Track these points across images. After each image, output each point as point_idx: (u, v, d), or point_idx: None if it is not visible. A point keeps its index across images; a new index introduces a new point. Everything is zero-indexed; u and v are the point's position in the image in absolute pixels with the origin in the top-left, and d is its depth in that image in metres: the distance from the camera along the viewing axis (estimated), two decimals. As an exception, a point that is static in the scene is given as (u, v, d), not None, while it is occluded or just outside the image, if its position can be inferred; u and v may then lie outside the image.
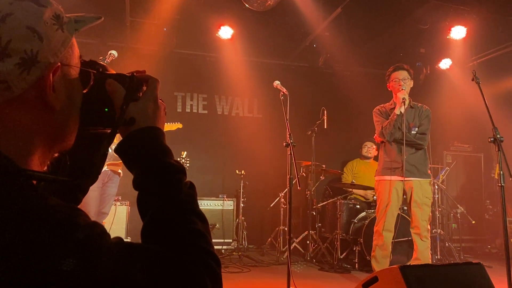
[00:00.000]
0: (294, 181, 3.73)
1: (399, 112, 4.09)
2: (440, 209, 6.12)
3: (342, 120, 7.01)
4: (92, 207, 3.86)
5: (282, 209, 6.03)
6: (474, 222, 6.21)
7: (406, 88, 4.16)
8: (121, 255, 0.63)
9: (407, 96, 4.15)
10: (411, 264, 3.99)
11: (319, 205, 6.07)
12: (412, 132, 4.16)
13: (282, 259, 5.50)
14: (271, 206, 6.15)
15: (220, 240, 5.86)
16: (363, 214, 5.52)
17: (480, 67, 6.72)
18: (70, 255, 0.58)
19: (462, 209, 6.27)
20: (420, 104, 4.31)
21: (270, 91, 5.21)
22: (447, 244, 5.90)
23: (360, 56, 6.88)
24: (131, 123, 0.82)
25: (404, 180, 4.05)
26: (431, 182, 4.25)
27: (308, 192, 6.05)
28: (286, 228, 5.59)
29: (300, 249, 5.86)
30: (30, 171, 0.67)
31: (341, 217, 5.48)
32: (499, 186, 3.16)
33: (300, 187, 3.76)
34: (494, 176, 7.11)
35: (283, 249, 5.74)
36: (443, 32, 6.10)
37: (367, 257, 4.91)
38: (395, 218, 4.13)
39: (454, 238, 6.63)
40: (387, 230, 4.09)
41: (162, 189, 0.79)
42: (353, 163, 6.72)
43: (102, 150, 0.85)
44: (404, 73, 4.20)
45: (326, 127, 5.79)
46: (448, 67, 7.00)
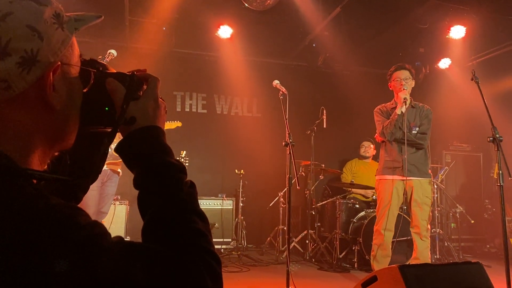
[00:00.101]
0: (293, 180, 3.73)
1: (400, 112, 4.08)
2: (439, 208, 6.13)
3: (342, 120, 7.01)
4: (92, 207, 3.85)
5: (281, 208, 6.03)
6: (473, 222, 6.22)
7: (407, 88, 4.15)
8: (121, 254, 0.63)
9: (409, 96, 4.15)
10: (410, 264, 4.00)
11: (318, 204, 6.07)
12: (413, 132, 4.16)
13: (281, 258, 5.50)
14: (270, 205, 6.15)
15: (219, 239, 5.87)
16: (362, 213, 5.52)
17: (479, 66, 6.72)
18: (71, 255, 0.58)
19: (461, 208, 6.28)
20: (421, 104, 4.31)
21: (269, 91, 5.21)
22: (446, 244, 5.90)
23: (360, 56, 6.88)
24: (131, 122, 0.82)
25: (405, 180, 4.05)
26: (431, 181, 4.25)
27: (307, 192, 6.05)
28: (285, 228, 5.59)
29: (299, 248, 5.86)
30: (30, 170, 0.67)
31: (340, 216, 5.49)
32: (498, 186, 3.16)
33: (299, 186, 3.76)
34: (493, 175, 7.11)
35: (282, 248, 5.74)
36: (443, 32, 6.10)
37: (366, 256, 4.92)
38: (395, 218, 4.14)
39: (453, 237, 6.64)
40: (387, 230, 4.10)
41: (163, 188, 0.79)
42: (352, 162, 6.73)
43: (103, 149, 0.85)
44: (406, 72, 4.20)
45: (325, 127, 5.78)
46: (447, 66, 7.00)
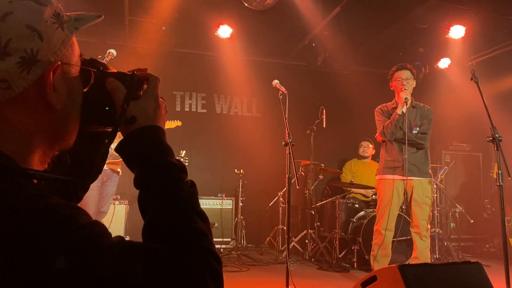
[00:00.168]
0: (293, 180, 3.73)
1: (401, 112, 4.09)
2: (438, 208, 6.14)
3: (341, 120, 7.01)
4: (91, 206, 3.85)
5: (281, 208, 6.03)
6: (472, 221, 6.23)
7: (408, 88, 4.15)
8: (121, 254, 0.63)
9: (410, 96, 4.15)
10: (410, 263, 4.01)
11: (318, 204, 6.07)
12: (414, 132, 4.16)
13: (281, 258, 5.50)
14: (270, 205, 6.15)
15: (218, 239, 5.87)
16: (362, 213, 5.52)
17: (479, 66, 6.73)
18: (71, 254, 0.58)
19: (461, 208, 6.28)
20: (422, 104, 4.31)
21: (269, 90, 5.21)
22: (445, 243, 5.91)
23: (359, 55, 6.88)
24: (132, 122, 0.82)
25: (405, 180, 4.05)
26: (431, 181, 4.25)
27: (307, 191, 6.05)
28: (285, 227, 5.60)
29: (299, 248, 5.86)
30: (31, 170, 0.67)
31: (339, 216, 5.49)
32: (497, 186, 3.17)
33: (299, 186, 3.76)
34: (492, 175, 7.12)
35: (282, 248, 5.75)
36: (442, 32, 6.10)
37: (366, 256, 4.92)
38: (395, 218, 4.14)
39: (452, 237, 6.65)
40: (388, 229, 4.10)
41: (163, 188, 0.79)
42: (351, 162, 6.72)
43: (103, 149, 0.85)
44: (407, 72, 4.20)
45: (325, 126, 5.78)
46: (447, 66, 7.00)
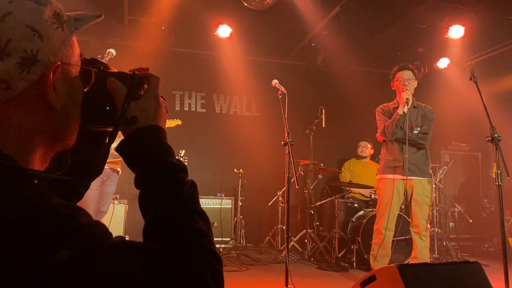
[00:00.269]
0: (292, 179, 3.73)
1: (402, 112, 4.09)
2: (437, 208, 6.14)
3: (340, 119, 7.01)
4: (91, 206, 3.84)
5: (280, 207, 6.03)
6: (471, 221, 6.24)
7: (410, 88, 4.15)
8: (122, 254, 0.63)
9: (411, 96, 4.15)
10: (409, 263, 4.01)
11: (317, 203, 6.08)
12: (414, 132, 4.17)
13: (280, 257, 5.51)
14: (269, 204, 6.15)
15: (218, 238, 5.87)
16: (361, 212, 5.53)
17: (478, 66, 6.74)
18: (71, 254, 0.58)
19: (460, 208, 6.29)
20: (423, 104, 4.32)
21: (268, 90, 5.21)
22: (444, 243, 5.92)
23: (358, 55, 6.88)
24: (132, 122, 0.82)
25: (405, 179, 4.06)
26: (431, 181, 4.26)
27: (306, 191, 6.05)
28: (284, 227, 5.60)
29: (298, 247, 5.86)
30: (31, 171, 0.67)
31: (339, 215, 5.49)
32: (496, 185, 3.17)
33: (298, 185, 3.77)
34: (491, 175, 7.13)
35: (281, 247, 5.75)
36: (441, 31, 6.10)
37: (365, 255, 4.93)
38: (396, 217, 4.14)
39: (451, 236, 6.65)
40: (388, 229, 4.10)
41: (164, 188, 0.79)
42: (350, 162, 6.72)
43: (104, 149, 0.85)
44: (409, 73, 4.20)
45: (324, 126, 5.78)
46: (446, 66, 7.00)
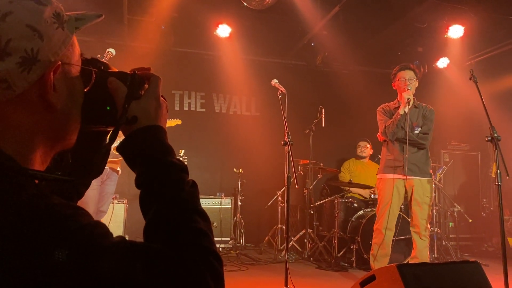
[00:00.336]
0: (291, 179, 3.74)
1: (403, 112, 4.09)
2: (437, 207, 6.14)
3: (340, 119, 7.01)
4: (91, 206, 3.84)
5: (279, 207, 6.03)
6: (471, 221, 6.24)
7: (411, 88, 4.16)
8: (122, 254, 0.63)
9: (412, 96, 4.16)
10: (409, 263, 4.01)
11: (316, 203, 6.08)
12: (415, 132, 4.17)
13: (280, 257, 5.51)
14: (269, 204, 6.15)
15: (217, 238, 5.87)
16: (361, 212, 5.53)
17: (477, 66, 6.74)
18: (72, 255, 0.58)
19: (459, 207, 6.29)
20: (424, 104, 4.33)
21: (268, 90, 5.21)
22: (444, 243, 5.92)
23: (358, 55, 6.88)
24: (133, 122, 0.82)
25: (405, 179, 4.06)
26: (431, 181, 4.26)
27: (306, 191, 6.05)
28: (283, 227, 5.60)
29: (298, 247, 5.86)
30: (32, 171, 0.66)
31: (338, 215, 5.49)
32: (496, 185, 3.17)
33: (298, 185, 3.77)
34: (491, 174, 7.14)
35: (281, 247, 5.75)
36: (441, 31, 6.11)
37: (365, 255, 4.93)
38: (396, 217, 4.14)
39: (451, 236, 6.66)
40: (388, 229, 4.10)
41: (164, 188, 0.79)
42: (349, 162, 6.72)
43: (104, 148, 0.85)
44: (411, 73, 4.21)
45: (323, 126, 5.78)
46: (445, 66, 7.00)
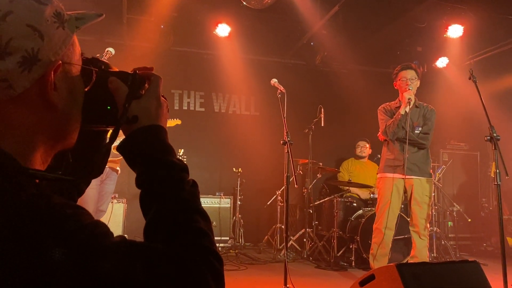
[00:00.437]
0: (291, 179, 3.74)
1: (403, 112, 4.10)
2: (436, 207, 6.15)
3: (339, 118, 7.01)
4: (90, 205, 3.83)
5: (279, 207, 6.03)
6: (470, 220, 6.24)
7: (413, 88, 4.17)
8: (123, 254, 0.63)
9: (413, 96, 4.16)
10: (408, 262, 4.02)
11: (316, 203, 6.08)
12: (416, 132, 4.18)
13: (279, 257, 5.51)
14: (268, 204, 6.15)
15: (217, 237, 5.86)
16: (360, 212, 5.53)
17: (477, 65, 6.74)
18: (72, 254, 0.58)
19: (458, 207, 6.30)
20: (425, 104, 4.33)
21: (267, 89, 5.21)
22: (443, 242, 5.93)
23: (357, 54, 6.88)
24: (133, 121, 0.82)
25: (405, 178, 4.06)
26: (431, 181, 4.26)
27: (305, 190, 6.06)
28: (283, 226, 5.61)
29: (297, 247, 5.86)
30: (32, 170, 0.66)
31: (338, 215, 5.49)
32: (495, 185, 3.18)
33: (297, 185, 3.77)
34: (490, 174, 7.14)
35: (280, 247, 5.75)
36: (440, 31, 6.11)
37: (364, 254, 4.93)
38: (396, 216, 4.14)
39: (450, 236, 6.66)
40: (388, 228, 4.10)
41: (165, 187, 0.79)
42: (348, 162, 6.73)
43: (105, 148, 0.85)
44: (412, 72, 4.21)
45: (323, 125, 5.79)
46: (445, 65, 7.01)
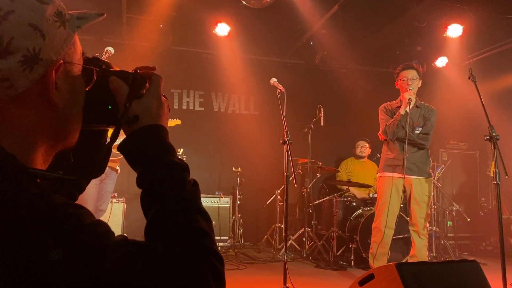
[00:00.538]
0: (290, 178, 3.73)
1: (404, 112, 4.10)
2: (435, 206, 6.15)
3: (339, 118, 7.01)
4: (90, 205, 3.82)
5: (278, 206, 6.04)
6: (469, 220, 6.25)
7: (413, 88, 4.17)
8: (123, 254, 0.63)
9: (414, 96, 4.16)
10: (407, 262, 4.02)
11: (315, 202, 6.08)
12: (416, 132, 4.18)
13: (278, 256, 5.51)
14: (268, 203, 6.16)
15: (216, 237, 5.79)
16: (359, 211, 5.54)
17: (476, 65, 6.75)
18: (73, 254, 0.58)
19: (458, 206, 6.31)
20: (426, 103, 4.33)
21: (267, 89, 5.22)
22: (442, 242, 5.93)
23: (357, 54, 6.88)
24: (134, 121, 0.82)
25: (404, 178, 4.07)
26: (431, 180, 4.26)
27: (305, 190, 6.06)
28: (282, 226, 5.61)
29: (296, 246, 5.87)
30: (33, 169, 0.66)
31: (337, 214, 5.50)
32: (494, 184, 3.18)
33: (296, 184, 3.78)
34: (489, 174, 7.15)
35: (279, 246, 5.76)
36: (440, 30, 6.12)
37: (363, 254, 4.94)
38: (395, 216, 4.15)
39: (449, 235, 6.67)
40: (387, 227, 4.10)
41: (166, 187, 0.79)
42: (347, 162, 6.73)
43: (106, 148, 0.85)
44: (413, 72, 4.21)
45: (322, 125, 5.79)
46: (444, 65, 7.02)
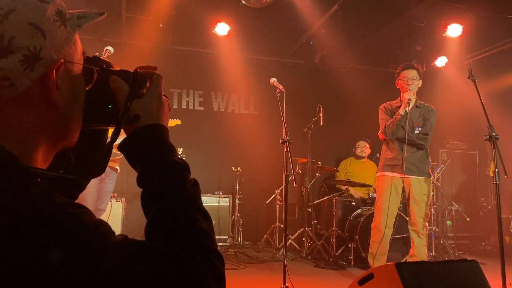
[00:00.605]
0: (290, 178, 3.74)
1: (403, 112, 4.10)
2: (435, 206, 6.16)
3: (338, 117, 7.01)
4: (89, 204, 3.82)
5: (278, 206, 6.04)
6: (468, 220, 6.25)
7: (413, 88, 4.17)
8: (124, 254, 0.63)
9: (413, 96, 4.16)
10: (407, 261, 4.02)
11: (315, 202, 6.08)
12: (415, 132, 4.19)
13: (278, 255, 5.51)
14: (267, 203, 6.16)
15: (215, 237, 5.85)
16: (359, 211, 5.54)
17: (476, 65, 6.75)
18: (74, 254, 0.58)
19: (457, 206, 6.31)
20: (426, 103, 4.33)
21: (266, 88, 5.22)
22: (442, 241, 5.94)
23: (357, 54, 6.88)
24: (135, 120, 0.82)
25: (403, 177, 4.07)
26: (430, 180, 4.27)
27: (304, 189, 6.06)
28: (282, 225, 5.61)
29: (296, 246, 5.87)
30: (34, 169, 0.66)
31: (336, 214, 5.50)
32: (494, 184, 3.18)
33: (296, 184, 3.77)
34: (489, 173, 7.15)
35: (279, 246, 5.76)
36: (439, 30, 6.12)
37: (363, 253, 4.94)
38: (394, 215, 4.15)
39: (449, 235, 6.67)
40: (387, 227, 4.10)
41: (166, 186, 0.79)
42: (346, 162, 6.72)
43: (106, 147, 0.85)
44: (414, 72, 4.21)
45: (322, 124, 5.79)
46: (444, 65, 7.02)
